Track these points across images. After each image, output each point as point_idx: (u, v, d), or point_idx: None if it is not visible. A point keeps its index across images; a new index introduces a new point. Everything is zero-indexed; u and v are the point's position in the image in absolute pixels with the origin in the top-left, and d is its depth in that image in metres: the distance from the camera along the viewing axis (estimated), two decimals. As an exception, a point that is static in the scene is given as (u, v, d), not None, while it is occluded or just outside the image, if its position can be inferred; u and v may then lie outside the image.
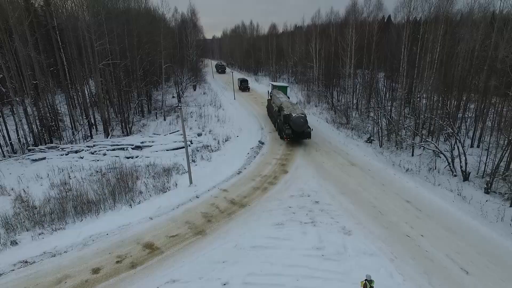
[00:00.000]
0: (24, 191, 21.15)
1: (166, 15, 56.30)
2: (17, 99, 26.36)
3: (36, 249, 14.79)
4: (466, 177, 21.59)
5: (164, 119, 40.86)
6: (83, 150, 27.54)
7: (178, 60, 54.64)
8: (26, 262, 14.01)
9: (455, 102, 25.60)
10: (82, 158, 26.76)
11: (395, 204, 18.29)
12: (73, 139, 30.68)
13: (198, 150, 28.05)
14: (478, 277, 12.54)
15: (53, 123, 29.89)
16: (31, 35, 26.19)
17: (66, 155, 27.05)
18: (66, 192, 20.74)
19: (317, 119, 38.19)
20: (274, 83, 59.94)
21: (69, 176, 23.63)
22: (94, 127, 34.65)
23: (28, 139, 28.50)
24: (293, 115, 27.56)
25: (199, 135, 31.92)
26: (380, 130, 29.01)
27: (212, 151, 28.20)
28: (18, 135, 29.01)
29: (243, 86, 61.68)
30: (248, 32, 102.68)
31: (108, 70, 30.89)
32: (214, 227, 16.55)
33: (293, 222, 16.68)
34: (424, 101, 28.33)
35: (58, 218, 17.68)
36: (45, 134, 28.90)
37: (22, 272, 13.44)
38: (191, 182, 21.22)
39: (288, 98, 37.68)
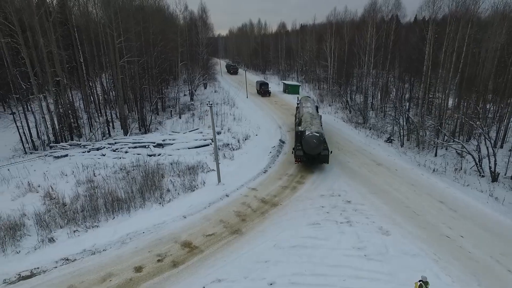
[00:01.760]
0: (51, 188, 21.12)
1: (179, 13, 56.01)
2: (41, 95, 26.29)
3: (75, 247, 14.76)
4: (495, 178, 21.45)
5: (180, 117, 40.81)
6: (104, 147, 27.49)
7: (190, 58, 54.49)
8: (67, 259, 13.97)
9: (482, 102, 25.43)
10: (104, 155, 26.70)
11: (429, 204, 18.16)
12: (93, 136, 30.62)
13: (219, 149, 27.94)
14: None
15: (73, 120, 29.82)
16: (54, 32, 26.06)
17: (88, 152, 27.00)
18: (94, 190, 20.74)
19: (334, 118, 38.04)
20: (286, 82, 59.86)
21: (94, 174, 23.60)
22: (111, 124, 34.60)
23: (50, 137, 28.44)
24: (307, 132, 22.27)
25: (218, 133, 31.81)
26: (401, 130, 28.86)
27: (234, 149, 28.11)
28: (37, 132, 29.00)
29: (263, 89, 54.09)
30: (255, 31, 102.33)
31: (128, 68, 30.78)
32: (249, 226, 16.47)
33: (328, 221, 16.58)
34: (446, 102, 28.13)
35: (90, 215, 17.65)
36: (65, 131, 28.82)
37: (65, 269, 13.40)
38: (219, 181, 21.14)
39: (317, 108, 32.96)
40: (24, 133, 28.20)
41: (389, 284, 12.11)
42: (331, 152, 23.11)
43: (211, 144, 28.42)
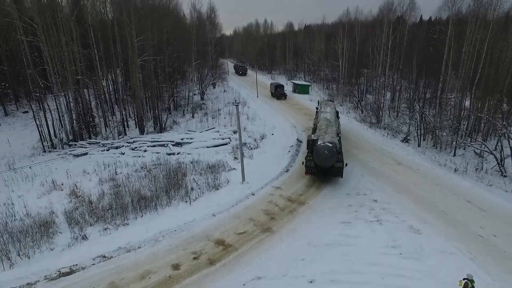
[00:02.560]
0: (76, 186, 21.20)
1: (193, 12, 55.86)
2: (63, 93, 26.39)
3: (109, 244, 14.83)
4: (517, 177, 21.48)
5: (192, 116, 40.90)
6: (123, 146, 27.58)
7: (200, 57, 54.60)
8: (104, 256, 14.04)
9: (506, 103, 25.47)
10: (123, 154, 26.79)
11: (456, 203, 18.19)
12: (111, 135, 30.74)
13: (237, 148, 27.99)
14: None
15: (91, 119, 29.93)
16: (76, 31, 26.17)
17: (107, 150, 27.10)
18: (118, 188, 20.82)
19: (348, 118, 38.06)
20: (296, 82, 59.87)
21: (116, 172, 23.69)
22: (125, 123, 34.68)
23: (69, 135, 28.55)
24: (319, 142, 20.04)
25: (235, 132, 31.86)
26: (419, 130, 28.90)
27: (252, 148, 28.18)
28: (54, 131, 29.11)
29: (279, 92, 50.51)
30: (261, 30, 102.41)
31: (143, 67, 30.88)
32: (279, 225, 16.52)
33: (358, 220, 16.64)
34: (464, 102, 28.15)
35: (118, 213, 17.71)
36: (84, 129, 28.93)
37: (103, 266, 13.48)
38: (243, 179, 21.20)
39: (337, 113, 30.17)
40: (43, 131, 28.30)
41: (429, 282, 12.16)
42: (346, 164, 20.89)
43: (229, 143, 28.50)
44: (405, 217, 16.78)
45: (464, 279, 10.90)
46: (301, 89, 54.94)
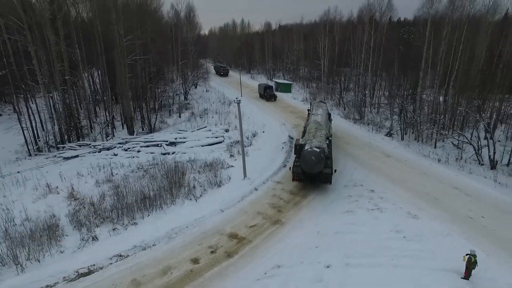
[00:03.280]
0: (73, 188, 20.71)
1: (171, 12, 55.29)
2: (50, 95, 25.46)
3: (122, 244, 14.84)
4: (494, 165, 23.53)
5: (179, 116, 40.68)
6: (115, 147, 27.10)
7: (183, 57, 54.14)
8: (120, 255, 14.04)
9: (480, 99, 27.71)
10: (116, 155, 26.35)
11: (445, 190, 19.73)
12: (100, 136, 30.00)
13: (231, 146, 28.38)
14: (547, 250, 14.09)
15: (78, 120, 29.07)
16: (62, 30, 25.31)
17: (98, 152, 26.51)
18: (117, 189, 20.55)
19: (333, 115, 39.37)
20: (278, 81, 60.83)
21: (112, 173, 23.30)
22: (111, 124, 33.90)
23: (57, 137, 27.58)
24: (306, 147, 19.14)
25: (227, 131, 32.22)
26: (401, 124, 30.69)
27: (246, 146, 28.50)
28: (37, 133, 27.91)
29: (268, 93, 48.71)
30: (238, 30, 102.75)
31: (135, 66, 30.42)
32: (287, 217, 17.20)
33: (360, 209, 17.66)
34: (444, 97, 30.21)
35: (123, 214, 17.60)
36: (71, 132, 28.06)
37: (121, 265, 13.51)
38: (245, 176, 21.66)
39: (330, 115, 29.34)
40: (28, 134, 27.14)
41: (434, 261, 13.30)
42: (335, 170, 20.35)
43: (223, 141, 28.80)
44: (402, 205, 18.01)
45: (467, 254, 12.10)
46: (284, 88, 55.97)
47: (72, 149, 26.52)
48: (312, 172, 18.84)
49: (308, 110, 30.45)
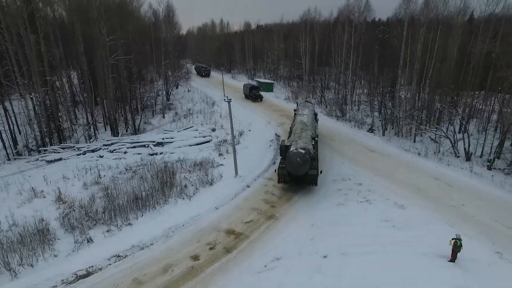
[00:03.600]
0: (60, 191, 20.16)
1: (150, 11, 54.47)
2: (31, 96, 24.55)
3: (120, 244, 14.74)
4: (468, 157, 25.06)
5: (163, 117, 40.26)
6: (100, 149, 26.53)
7: (167, 57, 53.46)
8: (118, 256, 13.95)
9: (454, 95, 29.36)
10: (101, 157, 25.82)
11: (427, 181, 20.86)
12: (83, 138, 29.26)
13: (219, 145, 28.50)
14: (522, 232, 15.33)
15: (60, 123, 28.20)
16: (42, 29, 24.48)
17: (83, 154, 25.87)
18: (107, 190, 20.23)
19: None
20: (260, 80, 61.31)
21: (99, 175, 22.85)
22: (94, 126, 33.08)
23: (38, 140, 26.63)
24: (291, 148, 18.97)
25: (213, 130, 32.28)
26: (382, 121, 31.98)
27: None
28: (13, 136, 26.77)
29: (254, 94, 47.74)
30: (218, 30, 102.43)
31: (118, 66, 29.86)
32: (281, 211, 17.65)
33: (350, 201, 18.38)
34: (423, 94, 31.72)
35: (116, 215, 17.39)
36: (53, 134, 27.20)
37: (121, 265, 13.45)
38: (236, 173, 21.90)
39: (316, 115, 29.29)
40: (7, 138, 26.05)
41: (422, 246, 14.14)
42: (321, 172, 20.09)
43: (211, 140, 28.87)
44: (389, 196, 18.89)
45: (453, 239, 12.99)
46: (266, 87, 56.49)
47: (55, 152, 25.72)
48: (297, 173, 18.71)
49: (295, 110, 30.44)
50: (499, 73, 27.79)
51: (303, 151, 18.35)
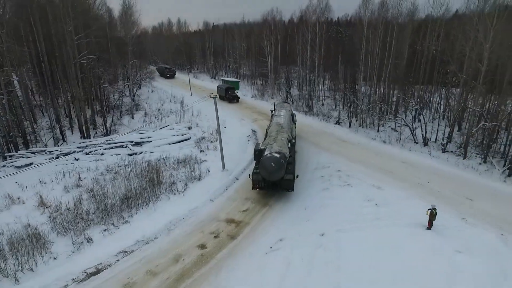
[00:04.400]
0: (41, 196, 19.25)
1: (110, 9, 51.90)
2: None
3: (122, 241, 14.80)
4: (426, 143, 28.29)
5: (132, 117, 39.22)
6: (75, 151, 25.47)
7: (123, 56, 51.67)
8: (125, 251, 14.03)
9: (410, 89, 32.76)
10: (77, 160, 24.83)
11: (396, 165, 23.35)
12: (52, 141, 27.73)
13: (199, 142, 28.82)
14: (479, 202, 18.07)
15: (27, 126, 26.48)
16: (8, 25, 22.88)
17: (56, 158, 24.65)
18: (91, 192, 19.73)
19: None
20: (226, 78, 61.70)
21: (80, 178, 22.07)
22: (59, 129, 31.34)
23: (3, 145, 24.80)
24: (265, 153, 18.14)
25: (190, 128, 32.40)
26: (349, 113, 34.58)
27: (212, 141, 29.30)
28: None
29: (231, 95, 45.93)
30: (175, 29, 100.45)
31: (85, 66, 28.71)
32: (274, 199, 18.74)
33: (334, 186, 20.05)
34: (384, 89, 34.85)
35: (109, 215, 17.23)
36: (20, 138, 25.50)
37: (129, 260, 13.61)
38: (224, 168, 22.56)
39: (293, 116, 28.26)
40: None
41: (402, 219, 16.12)
42: (297, 176, 19.25)
43: (190, 138, 29.08)
44: (367, 179, 20.89)
45: (429, 209, 15.10)
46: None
47: (24, 157, 24.18)
48: (272, 179, 17.69)
49: (271, 111, 29.47)
50: (442, 68, 31.75)
51: (278, 155, 17.52)
